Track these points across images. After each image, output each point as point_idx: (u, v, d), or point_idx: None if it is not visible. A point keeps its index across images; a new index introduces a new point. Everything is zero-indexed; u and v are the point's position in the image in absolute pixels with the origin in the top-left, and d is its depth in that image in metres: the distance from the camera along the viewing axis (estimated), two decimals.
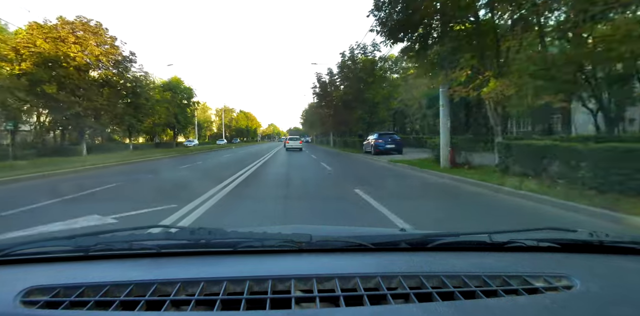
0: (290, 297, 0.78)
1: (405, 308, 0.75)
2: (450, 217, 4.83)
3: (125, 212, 5.02)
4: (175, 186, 8.52)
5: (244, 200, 6.32)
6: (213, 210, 5.24)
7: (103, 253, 1.02)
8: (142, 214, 4.97)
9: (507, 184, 6.63)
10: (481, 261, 1.01)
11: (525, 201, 5.73)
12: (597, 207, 4.68)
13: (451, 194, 6.99)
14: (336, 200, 6.30)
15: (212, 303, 0.77)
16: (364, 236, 1.13)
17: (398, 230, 1.25)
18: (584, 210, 4.77)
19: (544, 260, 1.02)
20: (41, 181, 9.81)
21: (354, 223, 4.35)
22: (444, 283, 0.85)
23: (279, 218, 4.65)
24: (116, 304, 0.77)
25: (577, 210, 4.86)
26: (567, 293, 0.81)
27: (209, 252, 1.04)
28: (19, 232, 3.95)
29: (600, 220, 4.43)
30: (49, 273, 0.93)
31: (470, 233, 1.13)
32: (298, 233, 1.05)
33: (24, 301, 0.77)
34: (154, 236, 1.11)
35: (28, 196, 6.97)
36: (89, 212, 4.87)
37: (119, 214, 4.84)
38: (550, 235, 1.11)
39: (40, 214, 5.15)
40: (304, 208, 5.69)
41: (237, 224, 4.46)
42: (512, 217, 4.98)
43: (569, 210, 4.96)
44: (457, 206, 5.88)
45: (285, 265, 0.98)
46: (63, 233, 2.75)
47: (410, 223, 4.24)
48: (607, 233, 1.09)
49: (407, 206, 5.45)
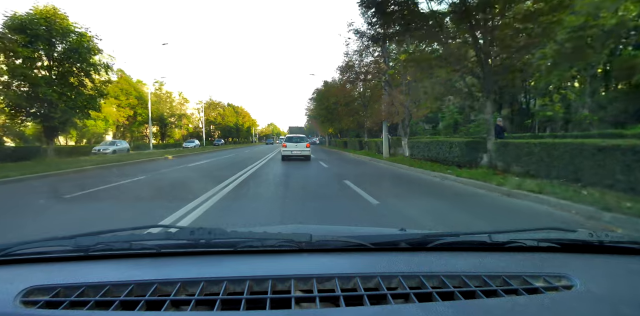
0: (290, 297, 0.78)
1: (405, 308, 0.75)
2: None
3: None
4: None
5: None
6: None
7: (103, 253, 1.02)
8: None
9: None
10: (481, 261, 1.01)
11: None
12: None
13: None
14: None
15: (212, 303, 0.77)
16: (364, 236, 1.14)
17: (398, 230, 1.28)
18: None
19: (544, 260, 1.02)
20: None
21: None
22: (444, 283, 0.85)
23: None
24: (116, 304, 0.77)
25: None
26: (567, 293, 0.81)
27: (209, 252, 1.04)
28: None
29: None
30: (49, 273, 0.93)
31: (470, 233, 1.14)
32: (298, 233, 1.05)
33: (24, 301, 0.78)
34: (154, 236, 1.12)
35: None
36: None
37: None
38: (550, 235, 1.12)
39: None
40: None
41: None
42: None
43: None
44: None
45: (285, 265, 0.98)
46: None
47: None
48: (607, 233, 1.10)
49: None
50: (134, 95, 39.76)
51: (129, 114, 39.47)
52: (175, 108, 54.84)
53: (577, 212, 4.69)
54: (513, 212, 5.08)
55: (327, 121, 35.84)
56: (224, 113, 72.35)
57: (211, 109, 68.68)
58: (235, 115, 76.90)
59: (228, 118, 72.60)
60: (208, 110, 66.58)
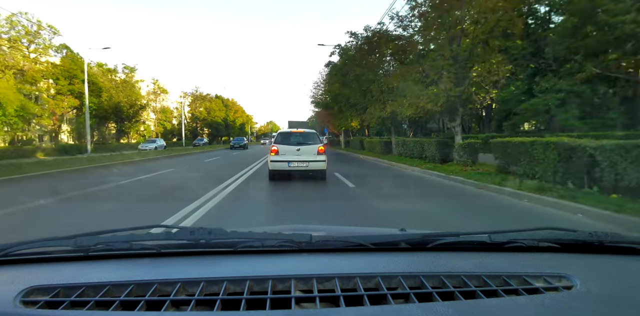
0: (290, 297, 0.78)
1: (405, 308, 0.75)
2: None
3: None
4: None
5: None
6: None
7: (103, 253, 1.02)
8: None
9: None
10: (481, 261, 1.01)
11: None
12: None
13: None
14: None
15: (212, 303, 0.77)
16: (364, 236, 1.13)
17: (398, 230, 1.27)
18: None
19: (544, 260, 1.02)
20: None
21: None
22: (444, 283, 0.85)
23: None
24: (116, 304, 0.77)
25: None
26: (567, 293, 0.81)
27: (209, 252, 1.04)
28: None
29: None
30: (49, 273, 0.93)
31: (470, 233, 1.14)
32: (298, 233, 1.05)
33: (24, 301, 0.78)
34: (154, 236, 1.11)
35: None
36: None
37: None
38: (550, 235, 1.12)
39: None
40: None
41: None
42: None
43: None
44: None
45: (285, 265, 0.98)
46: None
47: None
48: (607, 233, 1.10)
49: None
50: (80, 79, 27.98)
51: (73, 104, 30.36)
52: (141, 97, 41.12)
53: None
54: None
55: (347, 109, 23.46)
56: (210, 106, 59.34)
57: (198, 103, 58.33)
58: (225, 109, 63.65)
59: (215, 113, 59.36)
60: (194, 104, 58.03)
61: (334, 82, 23.04)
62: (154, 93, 48.59)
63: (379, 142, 20.82)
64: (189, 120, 57.69)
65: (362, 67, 16.66)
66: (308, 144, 8.78)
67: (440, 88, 10.98)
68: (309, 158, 8.58)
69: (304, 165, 8.54)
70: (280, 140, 8.92)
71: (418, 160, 13.65)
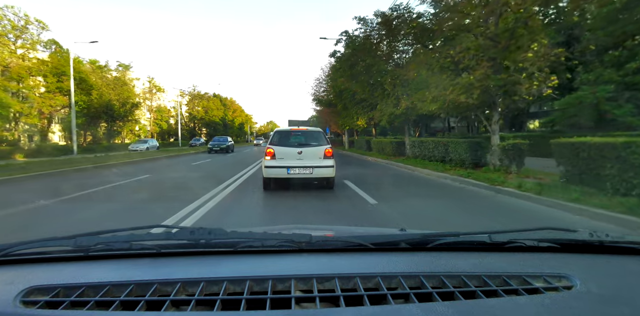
0: (290, 297, 0.78)
1: (405, 308, 0.74)
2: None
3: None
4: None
5: None
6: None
7: (103, 253, 1.02)
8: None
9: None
10: (481, 261, 1.01)
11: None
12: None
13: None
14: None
15: (212, 303, 0.77)
16: (364, 236, 1.16)
17: (398, 230, 1.27)
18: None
19: (544, 260, 1.02)
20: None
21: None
22: (444, 283, 0.86)
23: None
24: (116, 304, 0.77)
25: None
26: (567, 293, 0.81)
27: (209, 252, 1.04)
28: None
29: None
30: (49, 273, 0.94)
31: (470, 233, 1.14)
32: (298, 233, 1.06)
33: (24, 301, 0.78)
34: (154, 236, 1.11)
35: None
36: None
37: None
38: (550, 235, 1.12)
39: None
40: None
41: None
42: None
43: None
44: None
45: (285, 265, 0.98)
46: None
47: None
48: (607, 233, 1.10)
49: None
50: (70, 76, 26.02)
51: (63, 103, 28.66)
52: (134, 95, 38.65)
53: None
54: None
55: (353, 106, 21.26)
56: (208, 105, 57.27)
57: (196, 102, 56.77)
58: (223, 108, 61.44)
59: (213, 112, 57.30)
60: (192, 103, 56.55)
61: (339, 76, 19.85)
62: (150, 92, 47.05)
63: (389, 142, 18.20)
64: (186, 120, 56.28)
65: (373, 57, 14.36)
66: (312, 145, 6.97)
67: (476, 78, 8.85)
68: (314, 164, 6.76)
69: (307, 171, 6.74)
70: (277, 140, 7.05)
71: (440, 164, 11.55)
